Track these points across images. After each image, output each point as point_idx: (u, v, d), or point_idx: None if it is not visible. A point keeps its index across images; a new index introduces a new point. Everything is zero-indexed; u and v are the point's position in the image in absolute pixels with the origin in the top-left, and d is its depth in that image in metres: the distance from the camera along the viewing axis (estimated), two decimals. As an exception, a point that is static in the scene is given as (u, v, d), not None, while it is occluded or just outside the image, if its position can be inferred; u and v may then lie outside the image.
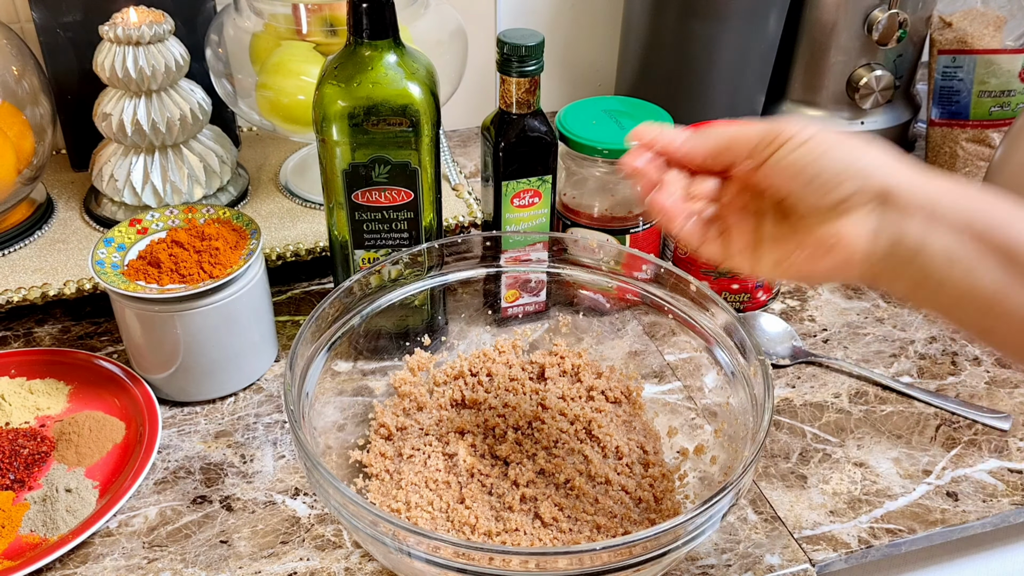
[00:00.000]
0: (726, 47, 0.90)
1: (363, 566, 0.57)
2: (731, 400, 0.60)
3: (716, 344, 0.61)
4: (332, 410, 0.63)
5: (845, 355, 0.76)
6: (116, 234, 0.68)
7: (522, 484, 0.59)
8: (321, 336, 0.60)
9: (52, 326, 0.76)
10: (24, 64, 0.77)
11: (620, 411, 0.66)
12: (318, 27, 0.75)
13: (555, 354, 0.70)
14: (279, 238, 0.79)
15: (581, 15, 1.08)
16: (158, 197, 0.77)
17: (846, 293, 0.83)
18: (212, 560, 0.57)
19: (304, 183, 0.87)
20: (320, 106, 0.60)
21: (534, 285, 0.73)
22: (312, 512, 0.61)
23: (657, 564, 0.47)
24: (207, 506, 0.61)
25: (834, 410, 0.70)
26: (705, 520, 0.48)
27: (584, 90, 1.13)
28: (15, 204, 0.78)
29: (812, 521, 0.61)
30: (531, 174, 0.69)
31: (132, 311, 0.64)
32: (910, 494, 0.63)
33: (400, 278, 0.65)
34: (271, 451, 0.65)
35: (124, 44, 0.72)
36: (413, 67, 0.61)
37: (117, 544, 0.58)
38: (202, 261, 0.64)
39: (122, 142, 0.76)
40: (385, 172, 0.63)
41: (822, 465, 0.65)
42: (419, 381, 0.68)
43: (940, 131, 0.97)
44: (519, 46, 0.64)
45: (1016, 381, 0.73)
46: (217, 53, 0.79)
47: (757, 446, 0.50)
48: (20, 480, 0.61)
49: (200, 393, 0.69)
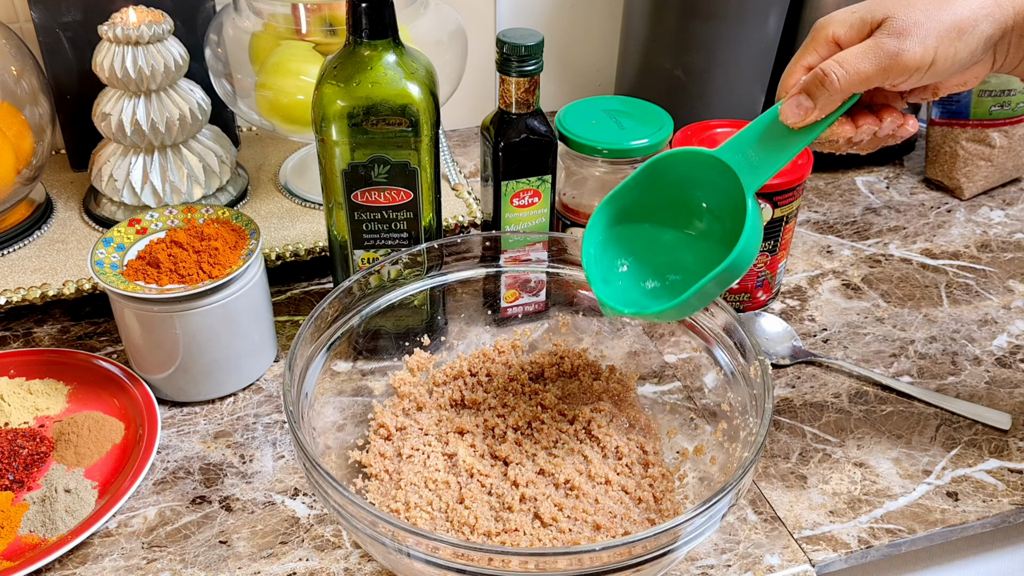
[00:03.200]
0: (726, 47, 0.90)
1: (363, 566, 0.57)
2: (731, 400, 0.59)
3: (716, 344, 0.61)
4: (331, 410, 0.63)
5: (845, 355, 0.76)
6: (115, 234, 0.68)
7: (522, 484, 0.59)
8: (320, 336, 0.60)
9: (51, 326, 0.76)
10: (23, 64, 0.77)
11: (620, 411, 0.66)
12: (317, 27, 0.75)
13: (555, 354, 0.70)
14: (278, 238, 0.79)
15: (581, 15, 1.08)
16: (157, 197, 0.77)
17: (846, 293, 0.83)
18: (211, 560, 0.57)
19: (303, 183, 0.87)
20: (319, 106, 0.60)
21: (534, 285, 0.73)
22: (311, 512, 0.61)
23: (657, 564, 0.47)
24: (206, 506, 0.61)
25: (834, 410, 0.70)
26: (705, 520, 0.47)
27: (584, 90, 1.13)
28: (14, 204, 0.78)
29: (812, 521, 0.61)
30: (531, 174, 0.69)
31: (131, 311, 0.64)
32: (910, 494, 0.63)
33: (400, 278, 0.65)
34: (270, 451, 0.65)
35: (123, 44, 0.72)
36: (412, 67, 0.61)
37: (116, 544, 0.58)
38: (201, 261, 0.64)
39: (121, 142, 0.76)
40: (384, 172, 0.63)
41: (822, 465, 0.65)
42: (419, 381, 0.68)
43: (940, 131, 0.97)
44: (519, 46, 0.64)
45: (1016, 381, 0.73)
46: (216, 53, 0.78)
47: (757, 446, 0.50)
48: (19, 480, 0.61)
49: (199, 393, 0.69)
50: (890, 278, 0.85)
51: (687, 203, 0.56)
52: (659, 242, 0.58)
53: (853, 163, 1.04)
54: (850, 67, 0.48)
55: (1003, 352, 0.76)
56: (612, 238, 0.57)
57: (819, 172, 1.02)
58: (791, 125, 0.51)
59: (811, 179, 1.01)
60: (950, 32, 0.48)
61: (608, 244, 0.57)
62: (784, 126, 0.51)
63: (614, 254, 0.58)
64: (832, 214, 0.95)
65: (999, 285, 0.85)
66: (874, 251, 0.89)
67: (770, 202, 0.72)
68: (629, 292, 0.57)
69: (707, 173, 0.54)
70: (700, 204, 0.56)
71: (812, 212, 0.95)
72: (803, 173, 0.73)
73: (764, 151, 0.51)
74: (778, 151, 0.51)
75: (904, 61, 0.48)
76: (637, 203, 0.57)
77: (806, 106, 0.50)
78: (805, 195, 0.98)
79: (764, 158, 0.51)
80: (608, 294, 0.56)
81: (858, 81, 0.49)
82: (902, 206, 0.97)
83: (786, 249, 0.78)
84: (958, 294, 0.83)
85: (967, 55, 0.49)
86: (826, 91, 0.49)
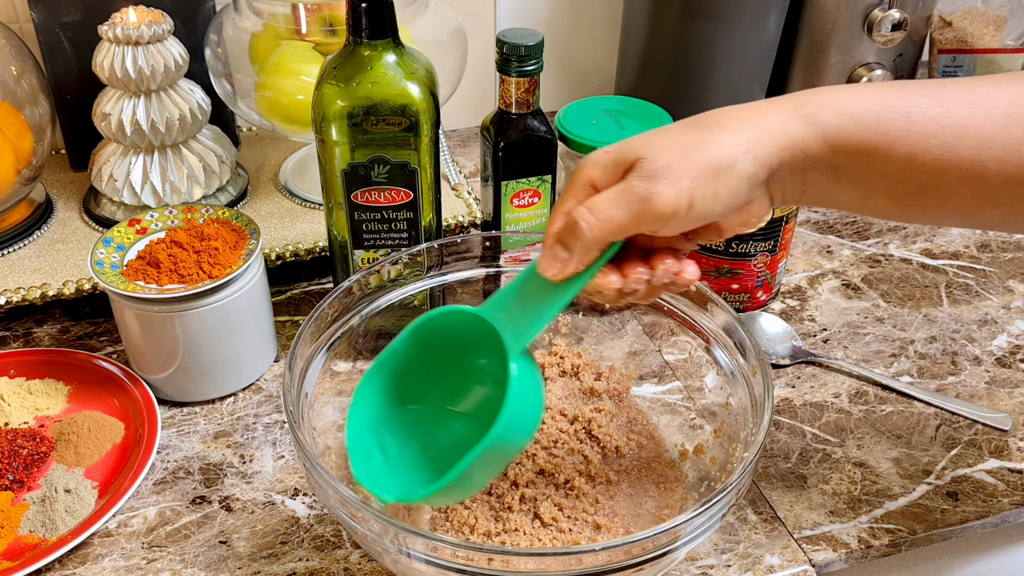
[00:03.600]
0: (726, 47, 0.90)
1: (363, 566, 0.57)
2: (731, 400, 0.59)
3: (716, 344, 0.61)
4: (331, 410, 0.63)
5: (845, 355, 0.76)
6: (115, 234, 0.68)
7: (522, 484, 0.59)
8: (320, 336, 0.60)
9: (51, 326, 0.76)
10: (23, 64, 0.77)
11: (620, 411, 0.66)
12: (317, 27, 0.75)
13: (555, 354, 0.70)
14: (278, 238, 0.79)
15: (581, 15, 1.08)
16: (157, 197, 0.77)
17: (846, 293, 0.83)
18: (211, 560, 0.57)
19: (303, 183, 0.87)
20: (319, 106, 0.60)
21: (534, 285, 0.73)
22: (311, 512, 0.61)
23: (657, 564, 0.47)
24: (206, 506, 0.61)
25: (834, 410, 0.70)
26: (705, 520, 0.47)
27: (584, 90, 1.13)
28: (14, 204, 0.78)
29: (812, 521, 0.61)
30: (531, 174, 0.69)
31: (131, 311, 0.64)
32: (910, 494, 0.63)
33: (399, 278, 0.65)
34: (270, 451, 0.65)
35: (123, 44, 0.72)
36: (412, 67, 0.61)
37: (116, 544, 0.58)
38: (201, 261, 0.64)
39: (121, 142, 0.76)
40: (384, 172, 0.63)
41: (822, 465, 0.65)
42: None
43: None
44: (519, 46, 0.64)
45: (1016, 381, 0.73)
46: (216, 53, 0.78)
47: (757, 446, 0.50)
48: (19, 480, 0.61)
49: (199, 393, 0.69)
50: (890, 278, 0.85)
51: (466, 368, 0.51)
52: (439, 415, 0.52)
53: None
54: (600, 213, 0.43)
55: (1003, 352, 0.76)
56: (385, 413, 0.51)
57: (819, 172, 1.02)
58: (550, 278, 0.46)
59: (811, 179, 1.01)
60: (705, 173, 0.43)
61: (381, 420, 0.50)
62: (544, 279, 0.46)
63: (387, 431, 0.51)
64: (832, 214, 0.95)
65: (999, 285, 0.85)
66: (874, 251, 0.89)
67: (770, 202, 0.72)
68: (400, 475, 0.49)
69: (477, 333, 0.48)
70: (479, 367, 0.51)
71: (812, 212, 0.95)
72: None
73: (527, 307, 0.46)
74: (541, 307, 0.46)
75: (656, 205, 0.43)
76: (410, 372, 0.50)
77: (562, 257, 0.45)
78: (805, 195, 0.98)
79: (527, 315, 0.46)
80: (369, 477, 0.48)
81: (610, 229, 0.44)
82: (902, 206, 0.97)
83: (786, 249, 0.78)
84: (958, 294, 0.83)
85: (728, 195, 0.44)
86: (579, 240, 0.44)
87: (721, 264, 0.76)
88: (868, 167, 0.45)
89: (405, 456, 0.50)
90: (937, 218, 0.49)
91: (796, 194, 0.47)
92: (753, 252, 0.75)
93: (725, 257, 0.76)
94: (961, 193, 0.46)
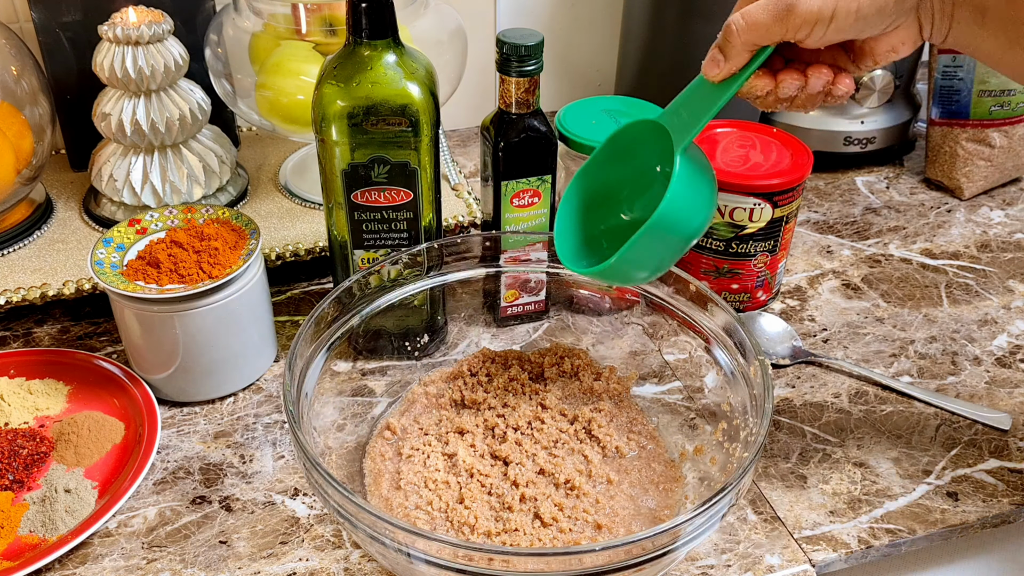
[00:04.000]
0: (726, 47, 0.90)
1: (363, 566, 0.57)
2: (731, 400, 0.60)
3: (716, 344, 0.61)
4: (331, 410, 0.63)
5: (845, 355, 0.76)
6: (115, 234, 0.68)
7: (522, 484, 0.59)
8: (320, 336, 0.60)
9: (51, 326, 0.76)
10: (23, 64, 0.77)
11: (620, 411, 0.66)
12: (317, 27, 0.75)
13: (555, 354, 0.70)
14: (278, 238, 0.79)
15: (581, 15, 1.08)
16: (157, 197, 0.77)
17: (846, 293, 0.83)
18: (211, 560, 0.57)
19: (303, 183, 0.87)
20: (319, 106, 0.60)
21: (534, 285, 0.73)
22: (311, 512, 0.61)
23: (657, 564, 0.47)
24: (206, 506, 0.61)
25: (834, 410, 0.70)
26: (705, 520, 0.47)
27: (584, 90, 1.13)
28: (14, 204, 0.78)
29: (812, 521, 0.61)
30: (531, 174, 0.69)
31: (131, 311, 0.64)
32: (910, 494, 0.63)
33: (399, 278, 0.65)
34: (270, 451, 0.65)
35: (123, 44, 0.72)
36: (412, 67, 0.61)
37: (116, 544, 0.58)
38: (201, 261, 0.64)
39: (121, 142, 0.76)
40: (384, 172, 0.63)
41: (822, 465, 0.65)
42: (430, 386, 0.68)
43: (940, 130, 0.97)
44: (519, 46, 0.64)
45: (1016, 381, 0.73)
46: (216, 53, 0.78)
47: (757, 446, 0.50)
48: (19, 480, 0.61)
49: (199, 393, 0.69)
50: (890, 278, 0.85)
51: (646, 172, 0.58)
52: (621, 212, 0.60)
53: (853, 163, 1.04)
54: (749, 18, 0.49)
55: (1003, 352, 0.76)
56: (581, 207, 0.60)
57: (819, 172, 1.02)
58: (710, 79, 0.52)
59: (811, 179, 1.01)
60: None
61: (577, 212, 0.60)
62: (709, 84, 0.53)
63: (582, 221, 0.60)
64: (832, 214, 0.95)
65: (999, 285, 0.85)
66: (874, 251, 0.89)
67: (770, 202, 0.72)
68: (586, 254, 0.59)
69: (655, 139, 0.55)
70: (655, 170, 0.58)
71: (812, 212, 0.95)
72: (803, 173, 0.73)
73: (694, 109, 0.53)
74: (704, 107, 0.53)
75: (799, 11, 0.47)
76: (602, 179, 0.59)
77: (719, 60, 0.51)
78: (805, 195, 0.98)
79: (693, 115, 0.53)
80: (566, 252, 0.58)
81: (756, 31, 0.49)
82: (902, 206, 0.97)
83: (786, 249, 0.78)
84: (958, 294, 0.83)
85: (873, 11, 0.48)
86: (731, 43, 0.50)
87: (721, 264, 0.76)
88: (1016, 15, 0.48)
89: (592, 243, 0.60)
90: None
91: (943, 30, 0.50)
92: (753, 252, 0.75)
93: (725, 257, 0.76)
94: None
